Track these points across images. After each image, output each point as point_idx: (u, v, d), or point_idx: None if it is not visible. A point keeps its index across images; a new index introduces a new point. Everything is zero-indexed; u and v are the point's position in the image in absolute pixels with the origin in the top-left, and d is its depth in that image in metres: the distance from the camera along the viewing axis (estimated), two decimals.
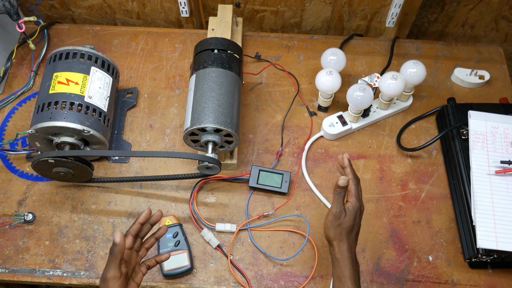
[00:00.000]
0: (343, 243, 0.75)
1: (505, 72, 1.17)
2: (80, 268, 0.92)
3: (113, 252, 0.69)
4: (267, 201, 0.99)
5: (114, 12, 1.27)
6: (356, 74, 1.16)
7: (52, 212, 0.97)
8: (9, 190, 0.99)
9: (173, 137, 1.06)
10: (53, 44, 1.18)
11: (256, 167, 0.99)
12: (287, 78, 1.15)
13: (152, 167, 1.02)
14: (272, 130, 1.07)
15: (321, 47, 1.20)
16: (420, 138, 1.07)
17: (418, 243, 0.95)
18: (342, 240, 0.75)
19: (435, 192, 1.01)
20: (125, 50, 1.18)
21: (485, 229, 0.88)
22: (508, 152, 0.95)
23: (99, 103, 0.95)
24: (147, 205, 0.98)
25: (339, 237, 0.75)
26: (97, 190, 1.00)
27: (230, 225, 0.94)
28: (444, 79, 1.16)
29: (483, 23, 1.28)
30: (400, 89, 0.99)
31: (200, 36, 1.21)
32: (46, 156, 0.85)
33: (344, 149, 1.05)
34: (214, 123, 0.86)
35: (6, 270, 0.91)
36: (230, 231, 0.95)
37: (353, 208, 0.76)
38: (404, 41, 1.21)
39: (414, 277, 0.92)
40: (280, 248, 0.94)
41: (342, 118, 1.05)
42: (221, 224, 0.95)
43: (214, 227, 0.95)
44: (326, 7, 1.23)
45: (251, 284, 0.90)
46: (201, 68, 0.93)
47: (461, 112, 1.02)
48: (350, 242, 0.75)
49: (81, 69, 0.95)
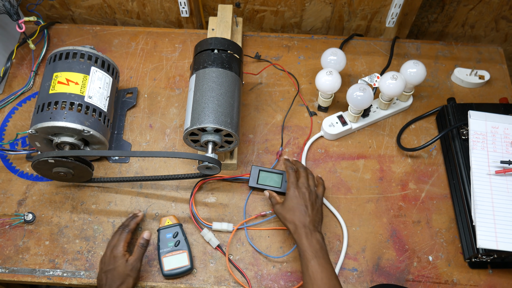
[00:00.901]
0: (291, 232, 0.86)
1: (505, 72, 1.17)
2: (80, 268, 0.92)
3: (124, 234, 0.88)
4: (267, 201, 0.99)
5: (114, 12, 1.27)
6: (356, 74, 1.16)
7: (52, 212, 0.97)
8: (9, 190, 0.99)
9: (173, 137, 1.06)
10: (53, 44, 1.18)
11: (256, 167, 0.99)
12: (287, 78, 1.15)
13: (152, 167, 1.02)
14: (272, 130, 1.07)
15: (321, 47, 1.20)
16: (420, 138, 1.07)
17: (418, 243, 0.95)
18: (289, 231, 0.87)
19: (435, 192, 1.01)
20: (125, 50, 1.18)
21: (485, 229, 0.88)
22: (508, 152, 0.95)
23: (99, 103, 0.95)
24: (147, 205, 0.98)
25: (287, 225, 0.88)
26: (97, 190, 1.00)
27: (226, 224, 0.94)
28: (444, 79, 1.16)
29: (483, 23, 1.28)
30: (400, 89, 0.99)
31: (200, 36, 1.21)
32: (46, 156, 0.85)
33: (344, 149, 1.05)
34: (214, 123, 0.86)
35: (6, 270, 0.91)
36: (227, 230, 0.95)
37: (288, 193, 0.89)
38: (404, 41, 1.21)
39: (414, 277, 0.92)
40: (280, 248, 0.94)
41: (342, 118, 1.05)
42: (217, 223, 0.95)
43: (211, 226, 0.95)
44: (326, 7, 1.23)
45: (251, 284, 0.90)
46: (201, 68, 0.93)
47: (461, 112, 1.02)
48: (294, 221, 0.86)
49: (81, 69, 0.95)
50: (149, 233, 0.89)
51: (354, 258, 0.94)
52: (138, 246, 0.86)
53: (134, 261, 0.84)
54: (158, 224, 0.95)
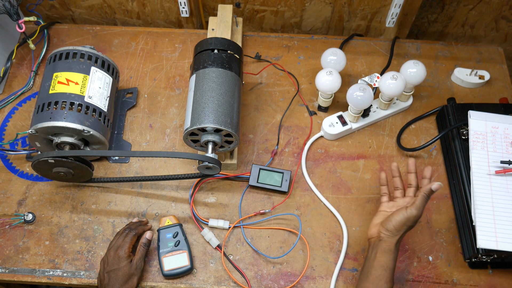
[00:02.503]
0: (400, 239, 0.83)
1: (505, 72, 1.17)
2: (80, 268, 0.92)
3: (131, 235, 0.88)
4: (267, 201, 0.99)
5: (114, 12, 1.27)
6: (356, 74, 1.16)
7: (52, 212, 0.97)
8: (9, 190, 0.99)
9: (173, 137, 1.06)
10: (53, 44, 1.18)
11: (256, 165, 0.99)
12: (287, 78, 1.15)
13: (152, 167, 1.02)
14: (272, 130, 1.07)
15: (321, 47, 1.20)
16: (420, 138, 1.07)
17: (418, 243, 0.95)
18: (401, 237, 0.83)
19: (435, 192, 1.00)
20: (125, 50, 1.18)
21: (485, 229, 0.88)
22: (508, 152, 0.95)
23: (99, 103, 0.95)
24: (147, 205, 0.98)
25: (402, 234, 0.83)
26: (97, 190, 1.00)
27: (223, 222, 0.95)
28: (444, 79, 1.16)
29: (483, 23, 1.28)
30: (400, 89, 0.99)
31: (200, 36, 1.21)
32: (46, 156, 0.85)
33: (344, 149, 1.05)
34: (214, 123, 0.86)
35: (6, 270, 0.91)
36: (223, 228, 0.95)
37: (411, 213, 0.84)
38: (404, 41, 1.21)
39: (414, 277, 0.92)
40: (280, 248, 0.94)
41: (342, 118, 1.05)
42: (214, 220, 0.95)
43: (207, 222, 0.95)
44: (326, 7, 1.23)
45: (251, 284, 0.90)
46: (201, 68, 0.93)
47: (461, 112, 1.02)
48: (401, 240, 0.84)
49: (81, 69, 0.95)
50: (151, 233, 0.90)
51: (354, 258, 0.94)
52: (140, 245, 0.88)
53: (138, 260, 0.86)
54: (158, 224, 0.95)
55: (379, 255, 0.82)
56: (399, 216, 0.82)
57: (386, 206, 0.90)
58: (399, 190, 0.91)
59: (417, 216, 0.82)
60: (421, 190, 0.83)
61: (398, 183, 0.91)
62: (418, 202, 0.82)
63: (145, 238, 0.89)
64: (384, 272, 0.80)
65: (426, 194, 0.82)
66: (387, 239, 0.83)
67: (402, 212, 0.82)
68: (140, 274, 0.86)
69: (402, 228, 0.82)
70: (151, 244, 0.93)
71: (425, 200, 0.82)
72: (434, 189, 0.82)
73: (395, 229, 0.82)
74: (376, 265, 0.81)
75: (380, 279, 0.80)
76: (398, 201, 0.89)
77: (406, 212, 0.82)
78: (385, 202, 0.91)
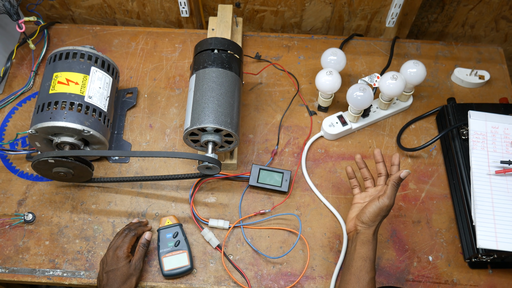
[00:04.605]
0: (376, 229, 0.84)
1: (505, 72, 1.17)
2: (80, 268, 0.92)
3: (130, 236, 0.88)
4: (267, 201, 0.99)
5: (114, 12, 1.27)
6: (356, 74, 1.16)
7: (52, 212, 0.97)
8: (9, 190, 0.99)
9: (173, 137, 1.06)
10: (53, 44, 1.18)
11: (256, 165, 0.99)
12: (287, 78, 1.15)
13: (152, 167, 1.02)
14: (272, 130, 1.07)
15: (321, 47, 1.20)
16: (420, 138, 1.07)
17: (418, 243, 0.95)
18: (377, 227, 0.84)
19: (435, 192, 1.01)
20: (125, 50, 1.18)
21: (485, 229, 0.88)
22: (508, 152, 0.95)
23: (99, 103, 0.95)
24: (147, 205, 0.98)
25: (377, 224, 0.84)
26: (97, 190, 1.00)
27: (223, 222, 0.95)
28: (444, 79, 1.16)
29: (483, 23, 1.28)
30: (400, 89, 0.99)
31: (200, 36, 1.21)
32: (46, 156, 0.85)
33: (344, 149, 1.05)
34: (214, 123, 0.86)
35: (6, 270, 0.91)
36: (223, 228, 0.95)
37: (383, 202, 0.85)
38: (404, 41, 1.21)
39: (414, 277, 0.92)
40: (280, 248, 0.94)
41: (342, 118, 1.05)
42: (214, 220, 0.95)
43: (207, 222, 0.95)
44: (326, 7, 1.23)
45: (251, 284, 0.90)
46: (201, 68, 0.93)
47: (461, 112, 1.02)
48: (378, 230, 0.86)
49: (81, 69, 0.95)
50: (150, 233, 0.90)
51: None
52: (139, 246, 0.88)
53: (137, 260, 0.86)
54: (158, 224, 0.95)
55: (358, 247, 0.83)
56: (372, 207, 0.83)
57: (359, 198, 0.90)
58: (368, 180, 0.91)
59: (389, 206, 0.83)
60: (390, 179, 0.84)
61: (366, 173, 0.92)
62: (388, 191, 0.83)
63: (144, 238, 0.89)
64: (364, 263, 0.81)
65: (395, 183, 0.83)
66: (364, 231, 0.84)
67: (375, 203, 0.83)
68: (138, 274, 0.86)
69: (377, 219, 0.83)
70: (151, 244, 0.93)
71: (395, 188, 0.83)
72: (403, 176, 0.83)
73: (370, 220, 0.83)
74: (356, 256, 0.82)
75: (361, 269, 0.81)
76: (369, 191, 0.90)
77: (378, 203, 0.83)
78: (357, 194, 0.91)
